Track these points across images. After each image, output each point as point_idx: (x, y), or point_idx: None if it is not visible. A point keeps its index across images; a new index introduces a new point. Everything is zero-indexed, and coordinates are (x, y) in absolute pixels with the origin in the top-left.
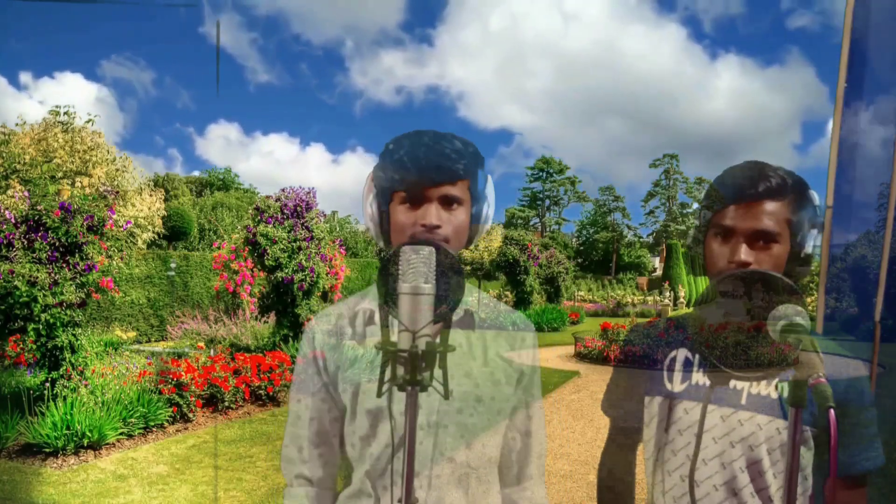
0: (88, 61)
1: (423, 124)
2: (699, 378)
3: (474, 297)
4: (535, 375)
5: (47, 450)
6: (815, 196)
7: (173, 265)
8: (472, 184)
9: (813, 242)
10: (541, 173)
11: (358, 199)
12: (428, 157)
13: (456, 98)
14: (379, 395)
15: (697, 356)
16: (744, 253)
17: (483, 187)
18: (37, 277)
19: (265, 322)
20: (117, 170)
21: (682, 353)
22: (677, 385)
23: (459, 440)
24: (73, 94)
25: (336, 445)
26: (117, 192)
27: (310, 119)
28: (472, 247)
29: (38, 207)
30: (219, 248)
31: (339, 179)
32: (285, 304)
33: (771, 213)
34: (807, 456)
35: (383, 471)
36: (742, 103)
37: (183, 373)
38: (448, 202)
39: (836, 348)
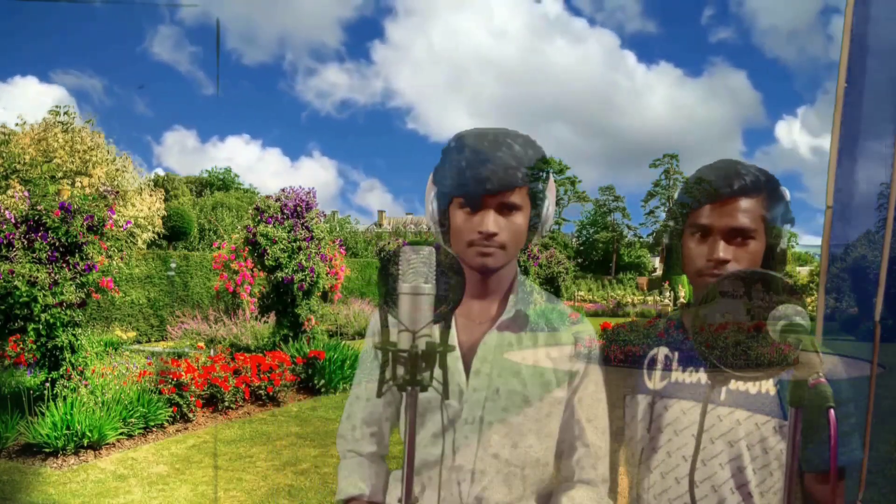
0: (42, 65)
1: (373, 133)
2: (679, 375)
3: (537, 299)
4: (587, 380)
5: (47, 450)
6: (787, 192)
7: (173, 265)
8: (533, 188)
9: (787, 238)
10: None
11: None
12: (487, 165)
13: (404, 111)
14: (379, 395)
15: (678, 353)
16: (722, 250)
17: (543, 189)
18: (37, 277)
19: (265, 322)
20: (117, 170)
21: (662, 351)
22: (657, 383)
23: (504, 438)
24: (30, 98)
25: (388, 428)
26: (117, 192)
27: (266, 124)
28: None
29: (38, 207)
30: (219, 248)
31: (297, 183)
32: (285, 304)
33: (746, 210)
34: (778, 448)
35: (431, 462)
36: (681, 112)
37: (183, 373)
38: (507, 209)
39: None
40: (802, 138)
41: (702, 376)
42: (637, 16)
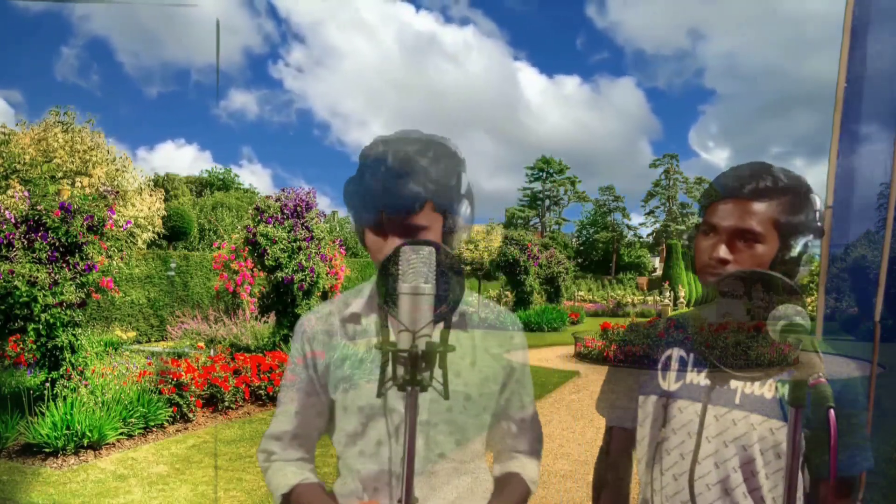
0: None
1: (300, 144)
2: (694, 377)
3: (473, 298)
4: (525, 370)
5: (47, 450)
6: (817, 200)
7: (173, 265)
8: (439, 202)
9: (806, 246)
10: (540, 173)
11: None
12: (380, 192)
13: (322, 123)
14: (379, 395)
15: (692, 355)
16: (722, 250)
17: (454, 199)
18: (37, 277)
19: (265, 322)
20: (117, 170)
21: (676, 353)
22: (672, 384)
23: (450, 437)
24: None
25: (315, 439)
26: (117, 192)
27: (197, 132)
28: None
29: (38, 207)
30: (219, 248)
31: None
32: (285, 304)
33: (755, 213)
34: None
35: (377, 470)
36: (582, 121)
37: (183, 373)
38: (410, 231)
39: (836, 349)
40: (704, 145)
41: (714, 378)
42: (533, 28)
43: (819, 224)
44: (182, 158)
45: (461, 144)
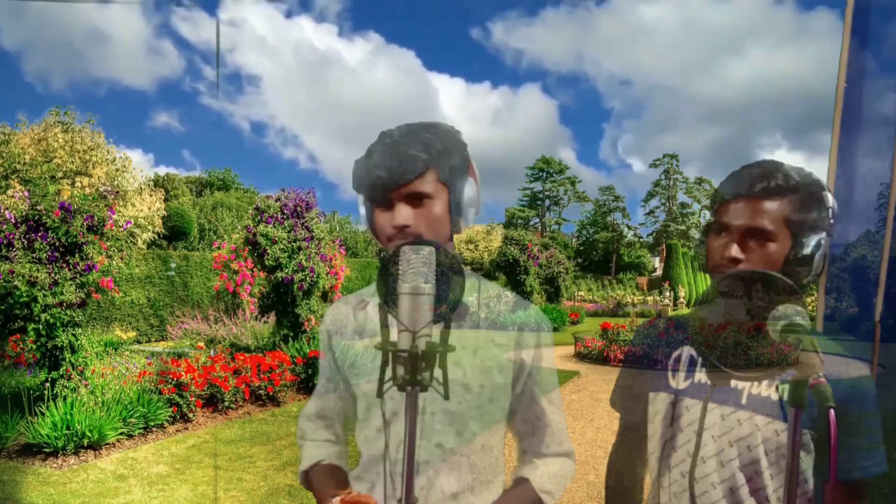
0: None
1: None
2: (702, 376)
3: (474, 297)
4: (541, 365)
5: (47, 450)
6: (829, 198)
7: (173, 265)
8: (443, 171)
9: (818, 243)
10: (540, 173)
11: None
12: (383, 161)
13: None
14: (379, 394)
15: (700, 356)
16: (734, 250)
17: (458, 172)
18: (37, 277)
19: (265, 322)
20: (117, 170)
21: (686, 352)
22: (681, 382)
23: (447, 427)
24: None
25: (341, 422)
26: (117, 192)
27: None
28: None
29: (38, 207)
30: (219, 248)
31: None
32: (285, 304)
33: (766, 211)
34: (806, 459)
35: (376, 455)
36: (499, 124)
37: (183, 373)
38: (416, 198)
39: (837, 348)
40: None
41: (720, 378)
42: (439, 35)
43: (832, 222)
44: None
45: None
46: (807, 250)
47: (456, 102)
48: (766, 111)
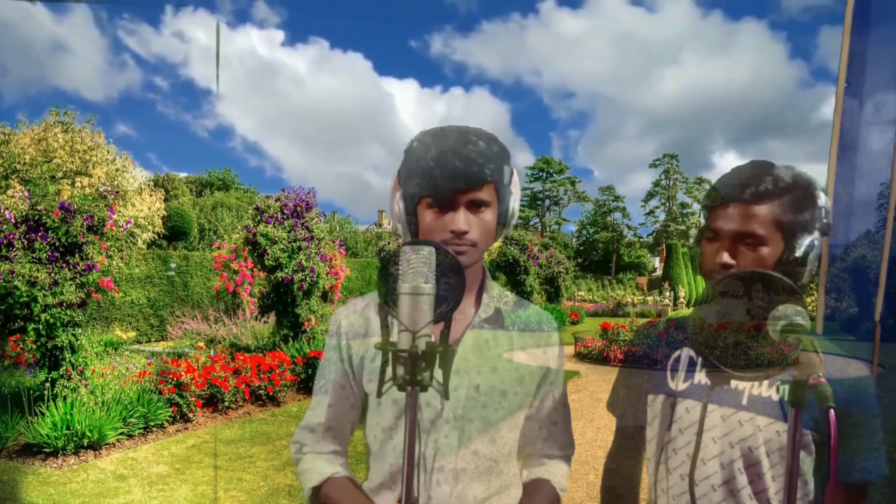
0: None
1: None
2: (701, 378)
3: (509, 298)
4: (559, 372)
5: (47, 450)
6: (822, 196)
7: (173, 265)
8: (499, 184)
9: (811, 244)
10: (541, 173)
11: None
12: (455, 163)
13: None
14: (379, 395)
15: (701, 356)
16: (724, 256)
17: (508, 184)
18: (37, 277)
19: (265, 322)
20: (117, 170)
21: (685, 353)
22: (680, 384)
23: (484, 434)
24: None
25: (348, 431)
26: (117, 192)
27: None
28: None
29: (38, 207)
30: (219, 248)
31: None
32: (285, 304)
33: (756, 216)
34: (807, 461)
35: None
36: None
37: (183, 373)
38: (476, 206)
39: (836, 348)
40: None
41: (721, 379)
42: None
43: (826, 220)
44: None
45: (355, 155)
46: (799, 252)
47: (410, 106)
48: (706, 120)
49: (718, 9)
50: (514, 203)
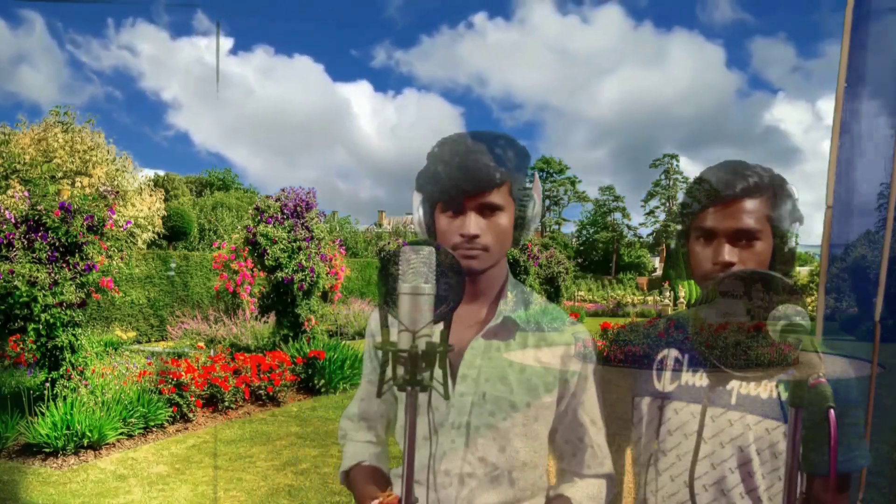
0: None
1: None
2: (690, 378)
3: (522, 311)
4: (586, 384)
5: (47, 450)
6: (794, 190)
7: (173, 265)
8: (514, 186)
9: (796, 234)
10: (540, 173)
11: None
12: (463, 167)
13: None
14: (379, 395)
15: (688, 356)
16: (727, 253)
17: (528, 188)
18: (37, 277)
19: (265, 322)
20: (117, 170)
21: (672, 354)
22: (668, 385)
23: (492, 442)
24: None
25: (383, 424)
26: (117, 192)
27: None
28: None
29: (38, 207)
30: (219, 248)
31: None
32: (285, 304)
33: (750, 211)
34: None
35: (421, 465)
36: (403, 134)
37: (183, 373)
38: (488, 209)
39: (836, 348)
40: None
41: (711, 379)
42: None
43: (799, 211)
44: None
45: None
46: (791, 243)
47: (366, 110)
48: (650, 128)
49: (648, 20)
50: (535, 207)
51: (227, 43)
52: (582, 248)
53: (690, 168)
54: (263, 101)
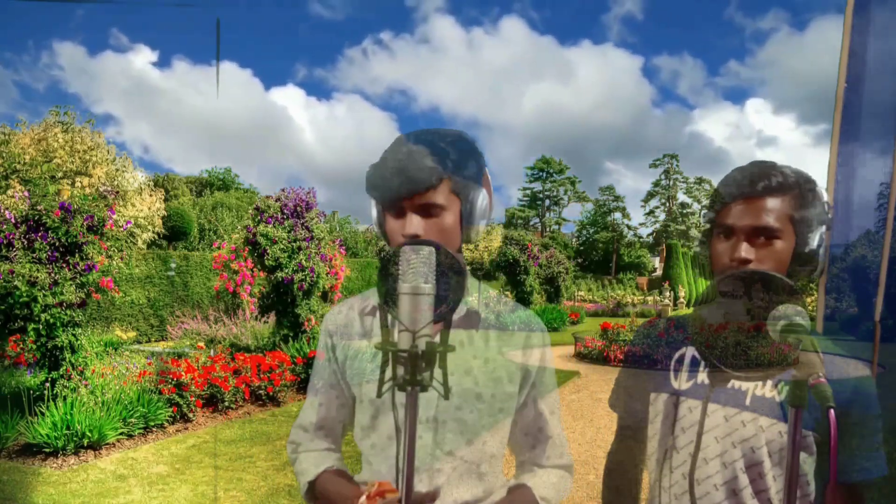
0: None
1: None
2: (703, 377)
3: (475, 297)
4: (544, 374)
5: (47, 450)
6: (824, 193)
7: (173, 265)
8: (456, 183)
9: (821, 238)
10: (541, 173)
11: None
12: (397, 170)
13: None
14: (379, 395)
15: (701, 356)
16: (744, 250)
17: (475, 181)
18: (37, 277)
19: (265, 322)
20: (117, 170)
21: (689, 352)
22: (683, 383)
23: (459, 436)
24: None
25: (340, 430)
26: (117, 192)
27: None
28: (471, 246)
29: (38, 207)
30: (219, 248)
31: None
32: (285, 304)
33: (771, 209)
34: (809, 461)
35: (386, 465)
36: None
37: (183, 373)
38: (428, 208)
39: (837, 348)
40: None
41: (718, 378)
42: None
43: (829, 216)
44: None
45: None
46: (812, 245)
47: (303, 115)
48: (577, 138)
49: (551, 35)
50: (482, 201)
51: (151, 55)
52: (582, 248)
53: (625, 176)
54: (207, 113)
